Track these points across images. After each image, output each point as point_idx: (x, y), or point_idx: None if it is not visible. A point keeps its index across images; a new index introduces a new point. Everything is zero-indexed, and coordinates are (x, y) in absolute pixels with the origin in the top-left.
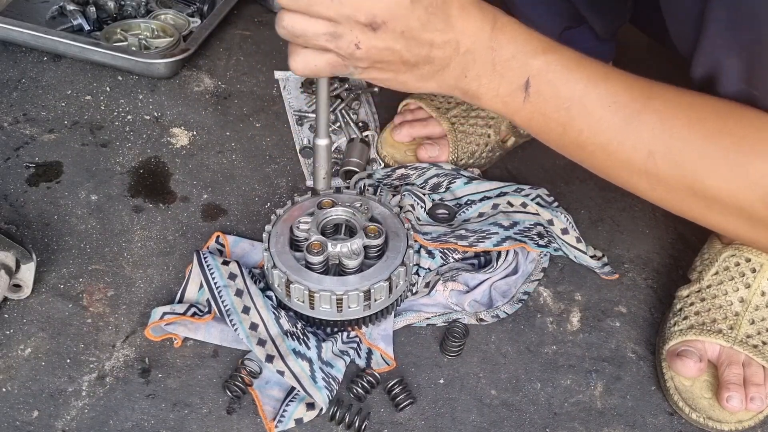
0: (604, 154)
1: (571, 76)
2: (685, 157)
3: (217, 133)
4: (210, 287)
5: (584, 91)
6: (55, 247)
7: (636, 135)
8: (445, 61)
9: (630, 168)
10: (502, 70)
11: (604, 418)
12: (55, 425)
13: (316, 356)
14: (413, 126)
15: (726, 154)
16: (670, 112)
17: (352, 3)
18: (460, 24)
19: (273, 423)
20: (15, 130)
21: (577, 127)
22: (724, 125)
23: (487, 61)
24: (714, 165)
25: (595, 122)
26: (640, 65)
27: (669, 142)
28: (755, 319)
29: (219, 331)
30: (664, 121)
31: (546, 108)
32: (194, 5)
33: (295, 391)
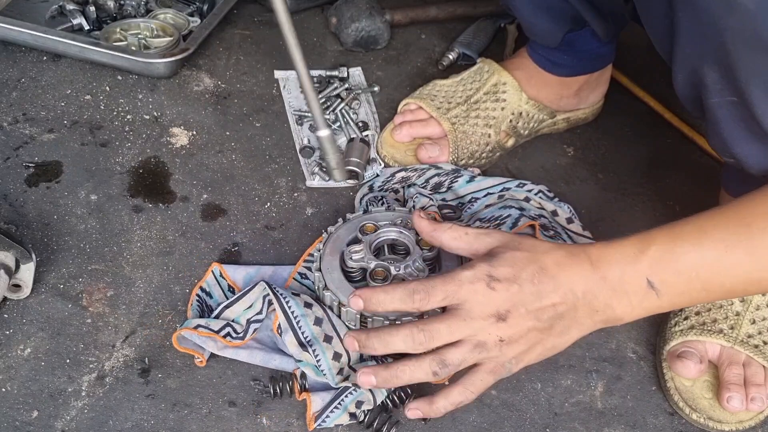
0: (754, 286)
1: (678, 252)
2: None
3: (216, 132)
4: (287, 316)
5: (698, 255)
6: (54, 246)
7: (764, 259)
8: (572, 309)
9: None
10: (622, 289)
11: (605, 419)
12: (55, 425)
13: None
14: (413, 126)
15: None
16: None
17: (474, 310)
18: (564, 276)
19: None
20: (14, 129)
21: (716, 282)
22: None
23: (606, 289)
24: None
25: (726, 271)
26: (640, 66)
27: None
28: (756, 318)
29: (248, 353)
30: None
31: (679, 288)
32: (194, 5)
33: (340, 398)
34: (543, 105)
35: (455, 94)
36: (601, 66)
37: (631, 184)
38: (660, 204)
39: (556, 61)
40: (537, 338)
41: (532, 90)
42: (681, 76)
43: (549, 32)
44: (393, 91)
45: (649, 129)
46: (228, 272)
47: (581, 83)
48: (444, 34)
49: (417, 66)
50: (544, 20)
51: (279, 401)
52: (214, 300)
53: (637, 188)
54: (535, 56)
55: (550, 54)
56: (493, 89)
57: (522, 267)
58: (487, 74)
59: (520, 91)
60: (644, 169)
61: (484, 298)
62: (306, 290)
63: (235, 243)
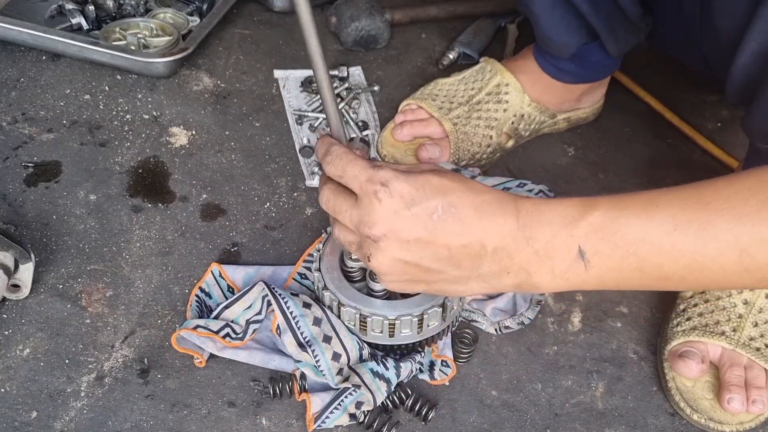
0: (694, 275)
1: (622, 222)
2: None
3: (216, 132)
4: (286, 317)
5: (642, 229)
6: (53, 247)
7: (716, 242)
8: (475, 262)
9: (728, 274)
10: (547, 253)
11: (606, 419)
12: (54, 426)
13: (395, 376)
14: (414, 126)
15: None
16: (736, 204)
17: (357, 214)
18: (477, 224)
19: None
20: (14, 129)
21: (654, 263)
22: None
23: (526, 251)
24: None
25: (669, 251)
26: (640, 66)
27: (753, 230)
28: (759, 321)
29: (247, 353)
30: (737, 216)
31: (612, 263)
32: (193, 4)
33: (340, 399)
34: (545, 107)
35: (457, 93)
36: (607, 75)
37: (631, 184)
38: None
39: (564, 68)
40: (416, 274)
41: (535, 93)
42: (747, 54)
43: (564, 45)
44: (393, 90)
45: (649, 129)
46: (227, 272)
47: (584, 89)
48: (444, 33)
49: (417, 65)
50: (561, 33)
51: (278, 402)
52: (213, 300)
53: (637, 188)
54: (541, 62)
55: (558, 62)
56: (495, 90)
57: (427, 195)
58: (489, 74)
59: (523, 93)
60: (644, 169)
61: (367, 204)
62: (306, 290)
63: (234, 243)
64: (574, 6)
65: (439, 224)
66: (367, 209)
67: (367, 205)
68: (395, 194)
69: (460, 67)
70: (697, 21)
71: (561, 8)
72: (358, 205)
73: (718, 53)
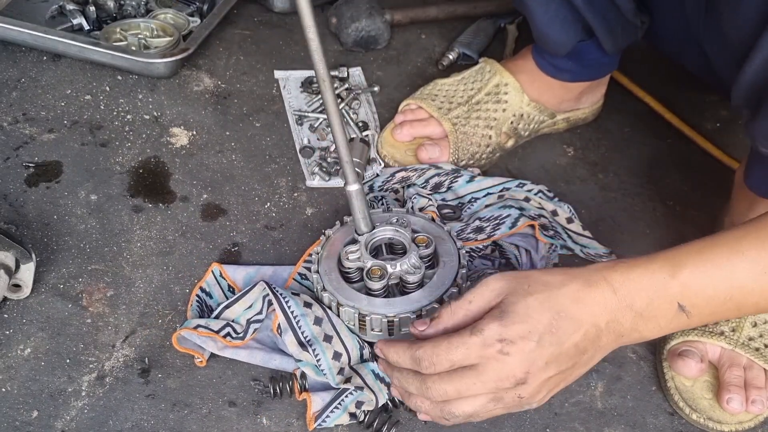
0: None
1: (712, 275)
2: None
3: (216, 132)
4: (287, 316)
5: (732, 279)
6: (54, 246)
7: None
8: (594, 341)
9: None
10: (650, 314)
11: (605, 419)
12: (55, 425)
13: None
14: (414, 126)
15: None
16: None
17: (488, 374)
18: (584, 313)
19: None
20: (14, 129)
21: (750, 303)
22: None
23: (632, 316)
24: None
25: (761, 292)
26: (640, 66)
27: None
28: (757, 321)
29: (247, 353)
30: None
31: (711, 309)
32: (194, 5)
33: (341, 398)
34: (544, 107)
35: (456, 93)
36: (605, 73)
37: (631, 184)
38: (660, 204)
39: (561, 67)
40: (560, 379)
41: (533, 92)
42: (756, 64)
43: (560, 42)
44: (393, 91)
45: (649, 129)
46: (228, 272)
47: (583, 88)
48: (444, 34)
49: (417, 66)
50: (557, 30)
51: (279, 401)
52: (214, 300)
53: (637, 188)
54: (539, 60)
55: (556, 60)
56: (494, 90)
57: (538, 318)
58: (488, 74)
59: (522, 92)
60: (644, 169)
61: (499, 364)
62: (306, 291)
63: (235, 243)
64: (569, 1)
65: (559, 334)
66: (499, 368)
67: (498, 366)
68: (515, 338)
69: (460, 67)
70: (701, 24)
71: (556, 3)
72: (485, 371)
73: (723, 55)
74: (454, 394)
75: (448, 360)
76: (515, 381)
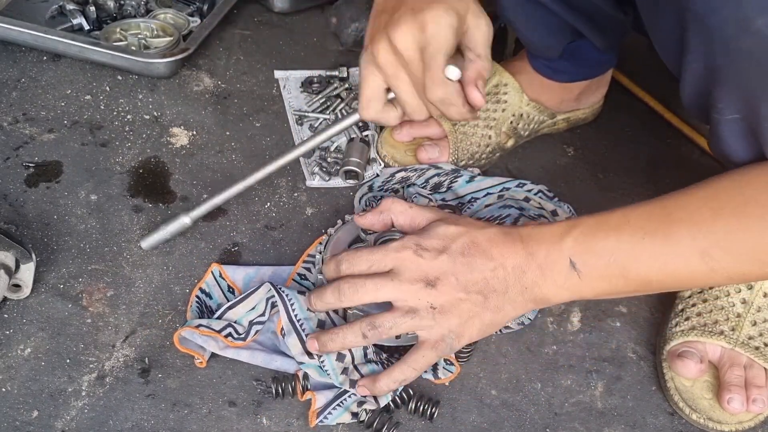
0: (670, 277)
1: (600, 236)
2: (734, 239)
3: (216, 132)
4: (291, 320)
5: (617, 240)
6: (54, 246)
7: (679, 247)
8: (503, 284)
9: (698, 274)
10: (547, 267)
11: (605, 419)
12: (55, 425)
13: None
14: (413, 126)
15: (760, 221)
16: (692, 212)
17: (402, 275)
18: (495, 251)
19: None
20: (14, 129)
21: (633, 269)
22: (745, 201)
23: (533, 266)
24: (759, 233)
25: (642, 258)
26: (640, 66)
27: (709, 236)
28: (757, 320)
29: (249, 353)
30: (693, 224)
31: (598, 272)
32: (194, 5)
33: (342, 398)
34: (544, 107)
35: None
36: (603, 71)
37: (631, 184)
38: None
39: (558, 68)
40: (472, 311)
41: (533, 92)
42: (689, 87)
43: (549, 47)
44: None
45: (649, 129)
46: (227, 272)
47: (583, 87)
48: None
49: None
50: (543, 36)
51: (279, 401)
52: (214, 301)
53: (637, 188)
54: (535, 64)
55: (551, 62)
56: (494, 90)
57: (453, 239)
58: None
59: (521, 92)
60: (644, 169)
61: (412, 264)
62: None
63: (235, 243)
64: (548, 7)
65: (470, 259)
66: (412, 268)
67: (412, 266)
68: (429, 248)
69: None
70: None
71: (536, 11)
72: (401, 273)
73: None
74: (371, 287)
75: (367, 260)
76: (426, 281)
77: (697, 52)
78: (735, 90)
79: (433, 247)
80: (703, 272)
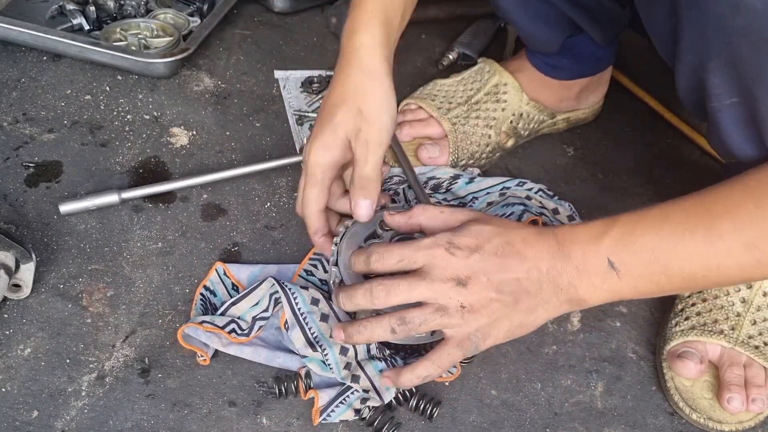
0: (714, 272)
1: (638, 233)
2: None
3: (216, 132)
4: (295, 313)
5: (657, 237)
6: (54, 246)
7: (722, 241)
8: (536, 285)
9: (745, 267)
10: (584, 269)
11: (605, 418)
12: (55, 425)
13: None
14: (413, 126)
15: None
16: (733, 205)
17: (434, 273)
18: (530, 252)
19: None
20: (14, 129)
21: (676, 267)
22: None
23: (570, 268)
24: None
25: (684, 254)
26: (640, 65)
27: (754, 226)
28: (757, 319)
29: (252, 350)
30: (736, 217)
31: (639, 270)
32: (194, 5)
33: (345, 395)
34: (543, 106)
35: (456, 94)
36: (602, 68)
37: (631, 184)
38: None
39: (556, 65)
40: (501, 312)
41: (533, 92)
42: (684, 80)
43: (547, 41)
44: None
45: (649, 129)
46: (232, 271)
47: (582, 86)
48: (444, 34)
49: (417, 66)
50: (541, 29)
51: (279, 401)
52: (218, 298)
53: (637, 188)
54: (534, 61)
55: (550, 59)
56: (494, 90)
57: (487, 239)
58: (488, 74)
59: (521, 92)
60: (644, 169)
61: (444, 261)
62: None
63: (235, 243)
64: (546, 0)
65: (504, 259)
66: (443, 266)
67: (443, 263)
68: (462, 246)
69: (460, 67)
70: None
71: (533, 3)
72: (432, 271)
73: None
74: (404, 288)
75: (398, 254)
76: (457, 280)
77: (691, 38)
78: (731, 71)
79: (465, 245)
80: (749, 264)
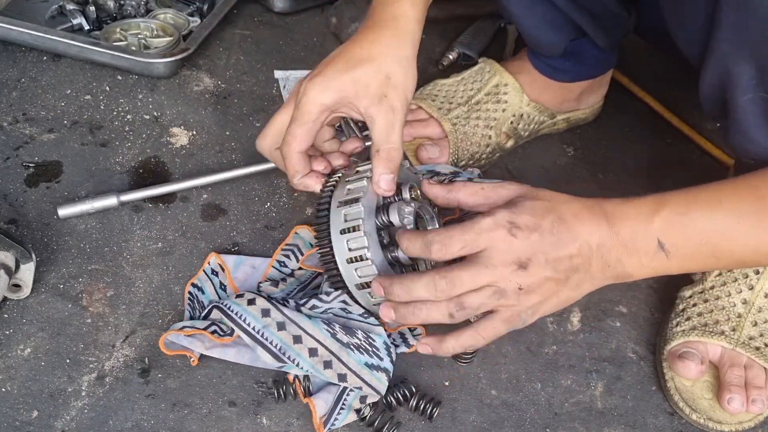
0: (764, 257)
1: (691, 216)
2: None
3: (216, 132)
4: (251, 335)
5: (709, 222)
6: (54, 246)
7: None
8: (586, 262)
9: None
10: (634, 246)
11: (605, 419)
12: (55, 425)
13: (390, 364)
14: (413, 126)
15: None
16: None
17: (496, 257)
18: (581, 228)
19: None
20: (14, 129)
21: (726, 249)
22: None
23: (618, 245)
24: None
25: (736, 240)
26: (640, 66)
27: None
28: (758, 321)
29: (236, 351)
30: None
31: (689, 251)
32: (194, 5)
33: (343, 398)
34: (544, 107)
35: (456, 94)
36: (603, 71)
37: (631, 184)
38: None
39: (558, 67)
40: (553, 290)
41: (533, 93)
42: (710, 74)
43: (552, 44)
44: None
45: (649, 129)
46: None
47: (583, 88)
48: (444, 34)
49: (417, 66)
50: (546, 33)
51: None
52: (206, 296)
53: (637, 188)
54: (536, 63)
55: (552, 61)
56: (494, 90)
57: (542, 215)
58: (488, 75)
59: (522, 92)
60: (644, 169)
61: (506, 245)
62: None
63: (235, 243)
64: (552, 2)
65: (558, 237)
66: (506, 249)
67: (505, 246)
68: (522, 226)
69: (460, 67)
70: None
71: (540, 6)
72: (493, 255)
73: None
74: (468, 279)
75: (461, 240)
76: (518, 264)
77: (730, 29)
78: (765, 64)
79: (525, 225)
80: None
